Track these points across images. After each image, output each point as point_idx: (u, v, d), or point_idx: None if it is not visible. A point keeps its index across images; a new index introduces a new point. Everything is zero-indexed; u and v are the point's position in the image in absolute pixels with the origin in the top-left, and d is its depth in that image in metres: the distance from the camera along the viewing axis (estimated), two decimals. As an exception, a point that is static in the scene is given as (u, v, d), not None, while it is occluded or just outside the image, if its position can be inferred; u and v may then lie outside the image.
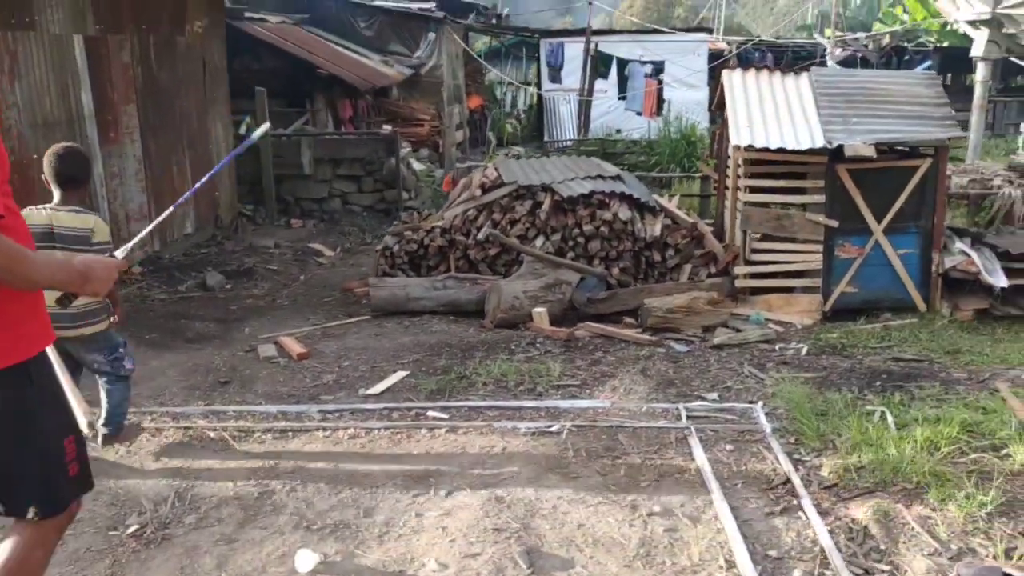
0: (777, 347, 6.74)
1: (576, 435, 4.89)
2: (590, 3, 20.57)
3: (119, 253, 2.88)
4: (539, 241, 7.86)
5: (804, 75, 8.09)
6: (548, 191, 8.02)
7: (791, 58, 22.34)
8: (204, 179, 3.44)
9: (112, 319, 4.55)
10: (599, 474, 4.40)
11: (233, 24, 13.04)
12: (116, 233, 9.07)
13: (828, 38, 20.64)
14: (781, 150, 7.28)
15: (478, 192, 8.10)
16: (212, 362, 6.49)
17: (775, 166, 7.61)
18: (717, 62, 21.54)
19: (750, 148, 7.34)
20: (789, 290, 7.68)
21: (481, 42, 25.99)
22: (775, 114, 7.62)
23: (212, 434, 5.02)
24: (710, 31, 24.95)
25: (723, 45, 23.47)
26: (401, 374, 6.04)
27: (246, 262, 10.00)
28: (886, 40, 22.05)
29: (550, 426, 5.00)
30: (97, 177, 8.48)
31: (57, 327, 2.96)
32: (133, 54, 9.20)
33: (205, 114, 10.99)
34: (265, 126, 3.92)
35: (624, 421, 5.10)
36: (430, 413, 5.29)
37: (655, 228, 8.00)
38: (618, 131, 20.47)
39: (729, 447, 4.72)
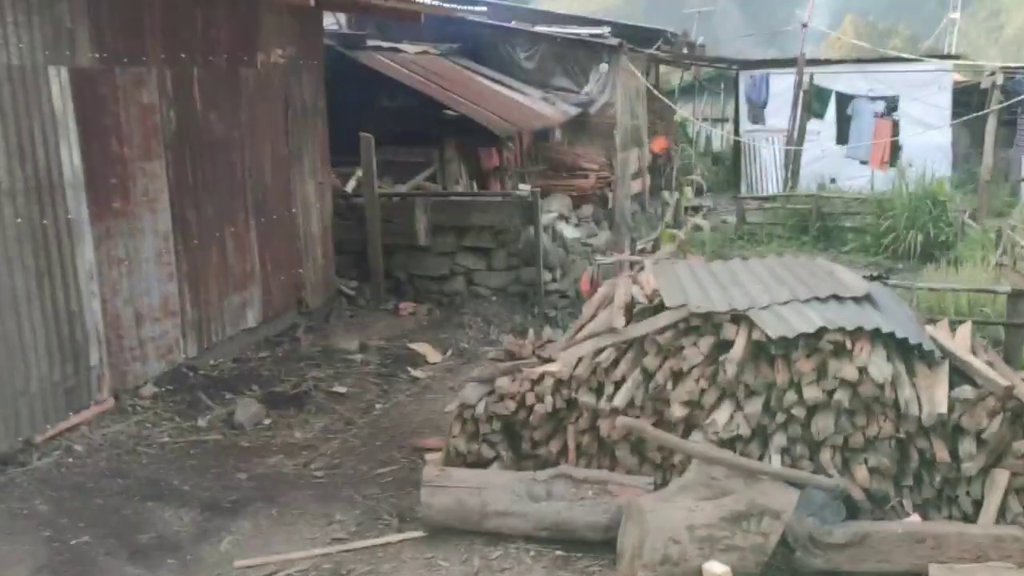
0: None
1: None
2: (804, 25, 16.68)
3: None
4: (724, 413, 4.48)
5: None
6: (741, 322, 4.63)
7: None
8: None
9: None
10: None
11: (347, 54, 10.48)
12: (118, 340, 6.53)
13: None
14: None
15: (620, 321, 4.80)
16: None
17: None
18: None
19: None
20: None
21: (669, 76, 22.51)
22: None
23: None
24: (956, 58, 20.27)
25: (968, 75, 18.80)
26: None
27: (308, 378, 7.17)
28: None
29: None
30: (82, 267, 5.93)
31: None
32: (162, 92, 6.65)
33: (287, 168, 8.35)
34: None
35: None
36: None
37: (937, 395, 4.44)
38: (832, 181, 16.45)
39: None
